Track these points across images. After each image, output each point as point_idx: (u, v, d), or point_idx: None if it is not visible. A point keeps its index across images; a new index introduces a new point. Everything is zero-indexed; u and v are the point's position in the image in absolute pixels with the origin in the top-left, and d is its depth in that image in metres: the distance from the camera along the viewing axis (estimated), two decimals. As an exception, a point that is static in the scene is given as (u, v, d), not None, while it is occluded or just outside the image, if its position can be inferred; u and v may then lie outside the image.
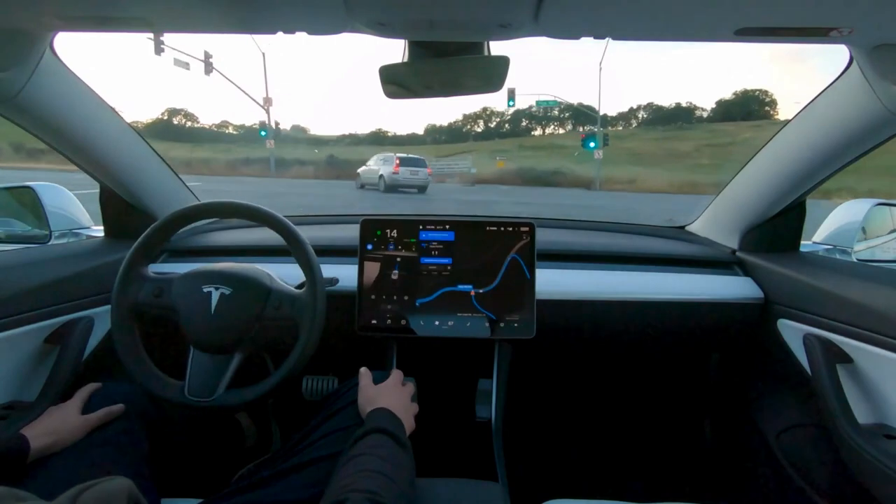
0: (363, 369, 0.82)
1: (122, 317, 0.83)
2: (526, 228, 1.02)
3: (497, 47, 0.74)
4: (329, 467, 0.65)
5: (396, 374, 0.84)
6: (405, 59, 0.74)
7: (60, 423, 0.72)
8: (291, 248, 0.86)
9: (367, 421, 0.69)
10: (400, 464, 0.61)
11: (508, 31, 0.64)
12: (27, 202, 1.26)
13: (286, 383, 0.83)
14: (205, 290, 0.83)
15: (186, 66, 16.23)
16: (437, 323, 1.00)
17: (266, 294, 0.85)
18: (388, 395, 0.76)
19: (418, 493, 0.70)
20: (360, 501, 0.50)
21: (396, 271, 1.02)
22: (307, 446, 0.74)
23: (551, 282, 1.07)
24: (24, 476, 0.66)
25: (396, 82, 0.80)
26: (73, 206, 1.29)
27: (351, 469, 0.57)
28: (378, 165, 14.29)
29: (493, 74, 0.78)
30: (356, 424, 0.71)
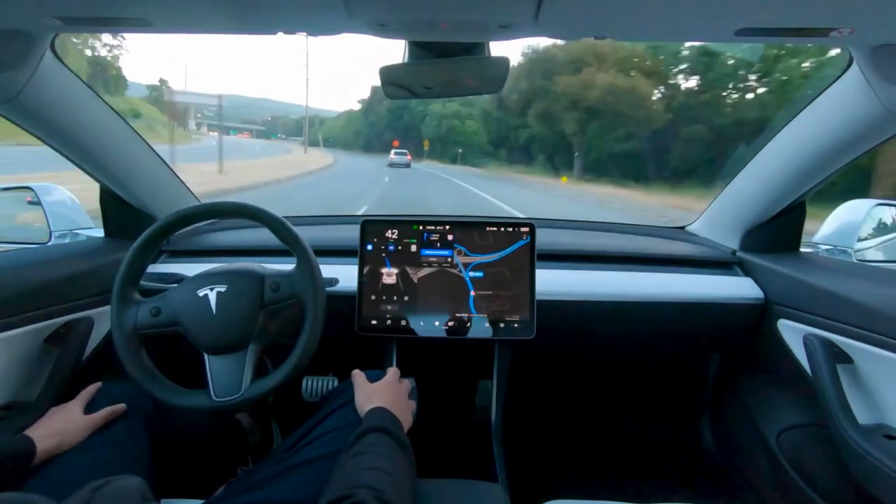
0: (356, 371, 0.82)
1: (127, 346, 0.81)
2: (526, 229, 1.02)
3: (497, 48, 0.74)
4: (328, 466, 0.65)
5: (393, 372, 0.84)
6: (405, 60, 0.75)
7: (64, 424, 0.72)
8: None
9: (366, 420, 0.68)
10: (400, 462, 0.61)
11: (508, 31, 0.64)
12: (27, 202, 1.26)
13: (308, 358, 0.82)
14: (200, 293, 0.82)
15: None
16: (437, 323, 1.00)
17: (260, 280, 0.85)
18: (385, 393, 0.76)
19: (418, 493, 0.70)
20: (367, 498, 0.50)
21: (396, 272, 1.02)
22: (305, 445, 0.74)
23: (551, 282, 1.07)
24: (29, 477, 0.66)
25: (397, 83, 0.80)
26: (73, 206, 1.29)
27: (353, 466, 0.57)
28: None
29: (493, 75, 0.78)
30: (354, 423, 0.71)
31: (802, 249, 1.16)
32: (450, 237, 1.02)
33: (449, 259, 1.02)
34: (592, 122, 19.86)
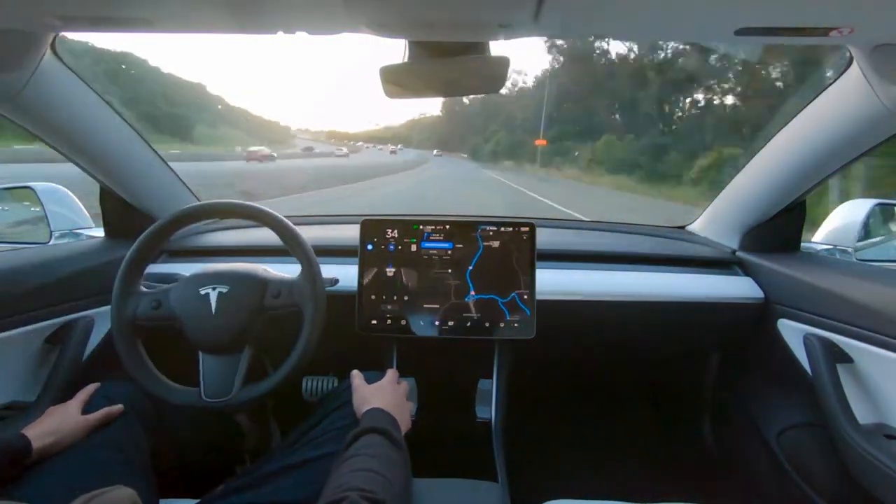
0: (354, 371, 0.83)
1: (124, 334, 0.82)
2: (526, 228, 1.02)
3: (497, 47, 0.74)
4: (325, 466, 0.65)
5: (391, 374, 0.84)
6: (405, 60, 0.75)
7: (61, 424, 0.72)
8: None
9: (362, 421, 0.69)
10: (394, 463, 0.61)
11: (508, 31, 0.64)
12: (27, 202, 1.26)
13: (300, 369, 0.82)
14: (202, 291, 0.83)
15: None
16: (437, 323, 1.00)
17: (263, 285, 0.85)
18: (383, 394, 0.77)
19: (418, 494, 0.70)
20: (356, 500, 0.50)
21: (396, 271, 1.02)
22: (303, 446, 0.74)
23: (551, 282, 1.07)
24: (25, 476, 0.66)
25: (397, 82, 0.80)
26: (74, 206, 1.29)
27: (346, 469, 0.57)
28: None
29: (493, 74, 0.78)
30: (352, 424, 0.71)
31: (803, 248, 1.16)
32: (450, 237, 1.02)
33: (449, 252, 1.02)
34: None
